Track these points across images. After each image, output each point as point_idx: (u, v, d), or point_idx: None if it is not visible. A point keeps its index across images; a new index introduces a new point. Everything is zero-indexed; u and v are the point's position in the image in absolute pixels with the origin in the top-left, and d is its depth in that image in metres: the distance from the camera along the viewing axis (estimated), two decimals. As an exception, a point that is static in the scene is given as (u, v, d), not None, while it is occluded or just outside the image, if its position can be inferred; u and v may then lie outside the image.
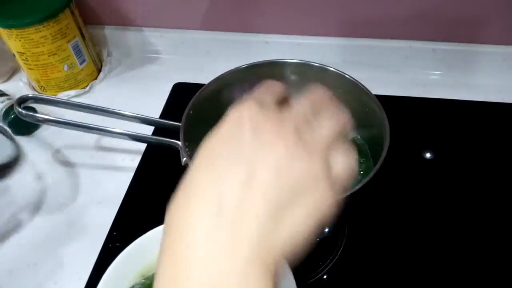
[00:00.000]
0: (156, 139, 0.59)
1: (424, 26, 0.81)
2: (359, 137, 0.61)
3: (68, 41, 0.81)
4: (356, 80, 0.56)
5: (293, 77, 0.60)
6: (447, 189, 0.66)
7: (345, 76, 0.57)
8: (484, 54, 0.82)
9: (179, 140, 0.52)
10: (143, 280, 0.44)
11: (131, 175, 0.68)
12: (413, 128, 0.73)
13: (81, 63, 0.85)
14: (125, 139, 0.59)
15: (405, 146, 0.69)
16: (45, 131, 0.76)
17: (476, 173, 0.68)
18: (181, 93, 0.83)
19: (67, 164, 0.72)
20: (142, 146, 0.72)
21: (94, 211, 0.65)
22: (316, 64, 0.59)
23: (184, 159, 0.52)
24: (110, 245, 0.59)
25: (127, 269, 0.44)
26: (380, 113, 0.53)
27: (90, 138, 0.74)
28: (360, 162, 0.58)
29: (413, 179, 0.67)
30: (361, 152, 0.59)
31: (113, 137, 0.59)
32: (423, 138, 0.73)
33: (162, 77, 0.88)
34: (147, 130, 0.69)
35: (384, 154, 0.48)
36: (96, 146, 0.73)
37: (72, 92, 0.85)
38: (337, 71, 0.57)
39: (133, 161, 0.71)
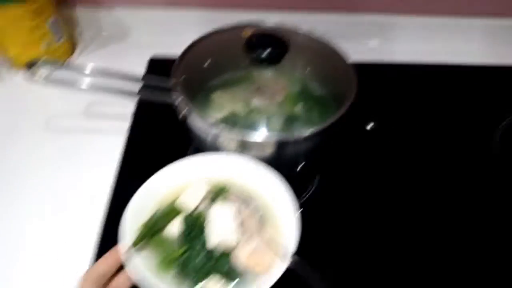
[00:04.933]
0: (152, 95, 0.66)
1: None
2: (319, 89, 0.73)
3: (46, 19, 0.85)
4: (326, 40, 0.67)
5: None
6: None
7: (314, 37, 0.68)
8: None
9: (173, 96, 0.60)
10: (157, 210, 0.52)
11: (122, 138, 0.75)
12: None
13: (58, 40, 0.89)
14: (124, 96, 0.65)
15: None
16: (37, 99, 0.81)
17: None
18: (157, 68, 0.90)
19: (60, 130, 0.77)
20: (130, 110, 0.79)
21: (91, 175, 0.70)
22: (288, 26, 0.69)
23: (183, 111, 0.60)
24: (115, 203, 0.66)
25: (145, 204, 0.51)
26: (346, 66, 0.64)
27: (80, 104, 0.80)
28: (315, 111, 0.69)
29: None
30: (319, 102, 0.71)
31: (112, 93, 0.64)
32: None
33: (136, 54, 0.93)
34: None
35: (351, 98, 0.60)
36: (86, 112, 0.79)
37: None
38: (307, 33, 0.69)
39: (122, 124, 0.77)
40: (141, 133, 0.76)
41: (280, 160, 0.63)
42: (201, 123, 0.58)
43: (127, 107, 0.79)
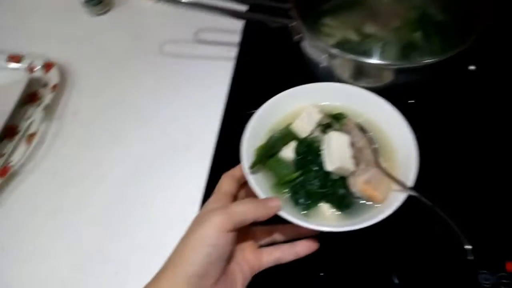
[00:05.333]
0: (261, 17, 0.64)
1: None
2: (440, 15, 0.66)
3: None
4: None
5: None
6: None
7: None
8: None
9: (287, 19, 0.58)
10: (272, 134, 0.52)
11: (230, 64, 0.76)
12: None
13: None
14: (233, 16, 0.65)
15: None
16: (147, 27, 0.84)
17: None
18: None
19: (172, 55, 0.80)
20: (235, 38, 0.79)
21: (204, 94, 0.73)
22: None
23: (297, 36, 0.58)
24: (229, 120, 0.68)
25: (260, 128, 0.52)
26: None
27: (190, 30, 0.81)
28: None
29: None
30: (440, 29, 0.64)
31: (222, 14, 0.64)
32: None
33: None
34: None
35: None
36: (196, 37, 0.81)
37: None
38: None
39: (230, 52, 0.78)
40: (249, 57, 0.76)
41: (393, 91, 0.60)
42: (316, 47, 0.56)
43: (235, 35, 0.79)
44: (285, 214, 0.43)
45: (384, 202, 0.46)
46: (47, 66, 0.76)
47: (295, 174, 0.48)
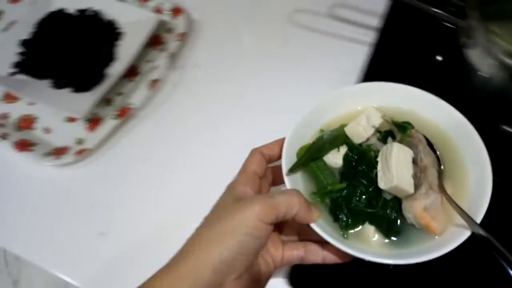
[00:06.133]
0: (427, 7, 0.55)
1: None
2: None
3: None
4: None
5: None
6: None
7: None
8: None
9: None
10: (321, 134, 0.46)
11: (363, 49, 0.69)
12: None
13: None
14: None
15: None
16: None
17: None
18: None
19: (299, 25, 0.75)
20: (374, 22, 0.72)
21: (329, 76, 0.68)
22: None
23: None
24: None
25: (311, 125, 0.47)
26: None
27: (324, 4, 0.75)
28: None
29: None
30: None
31: None
32: None
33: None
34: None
35: None
36: (331, 12, 0.74)
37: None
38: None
39: (365, 36, 0.71)
40: (390, 46, 0.68)
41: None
42: (482, 53, 0.49)
43: (374, 17, 0.72)
44: (320, 231, 0.38)
45: (442, 235, 0.38)
46: (176, 11, 0.74)
47: (340, 185, 0.42)
